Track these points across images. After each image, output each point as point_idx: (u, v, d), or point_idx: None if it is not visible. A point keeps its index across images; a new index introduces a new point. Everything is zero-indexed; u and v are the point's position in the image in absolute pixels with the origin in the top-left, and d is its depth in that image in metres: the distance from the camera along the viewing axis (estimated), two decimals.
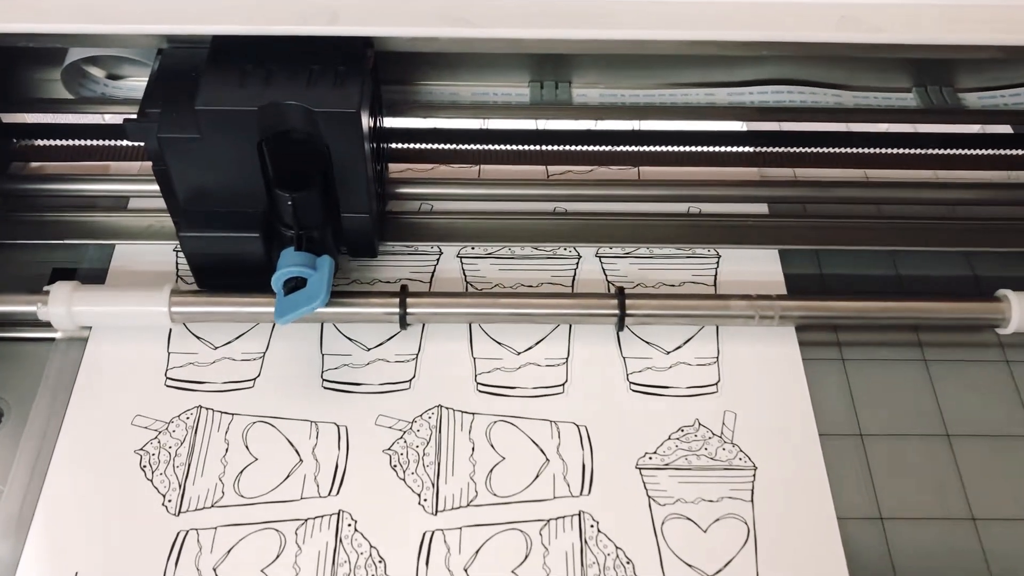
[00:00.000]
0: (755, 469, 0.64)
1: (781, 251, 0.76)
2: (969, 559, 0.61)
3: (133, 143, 0.79)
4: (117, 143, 0.80)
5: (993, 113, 0.81)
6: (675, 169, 0.81)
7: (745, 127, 0.82)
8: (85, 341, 0.69)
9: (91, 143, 0.80)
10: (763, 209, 0.79)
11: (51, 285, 0.68)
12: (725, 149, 0.81)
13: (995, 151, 0.82)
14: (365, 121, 0.61)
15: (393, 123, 0.78)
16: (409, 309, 0.69)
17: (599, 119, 0.80)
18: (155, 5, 0.60)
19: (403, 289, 0.69)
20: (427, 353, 0.70)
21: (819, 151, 0.81)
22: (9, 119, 0.80)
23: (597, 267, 0.76)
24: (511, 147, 0.81)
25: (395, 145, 0.80)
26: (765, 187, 0.80)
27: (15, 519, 0.60)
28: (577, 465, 0.64)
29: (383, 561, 0.59)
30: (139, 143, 0.77)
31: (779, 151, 0.81)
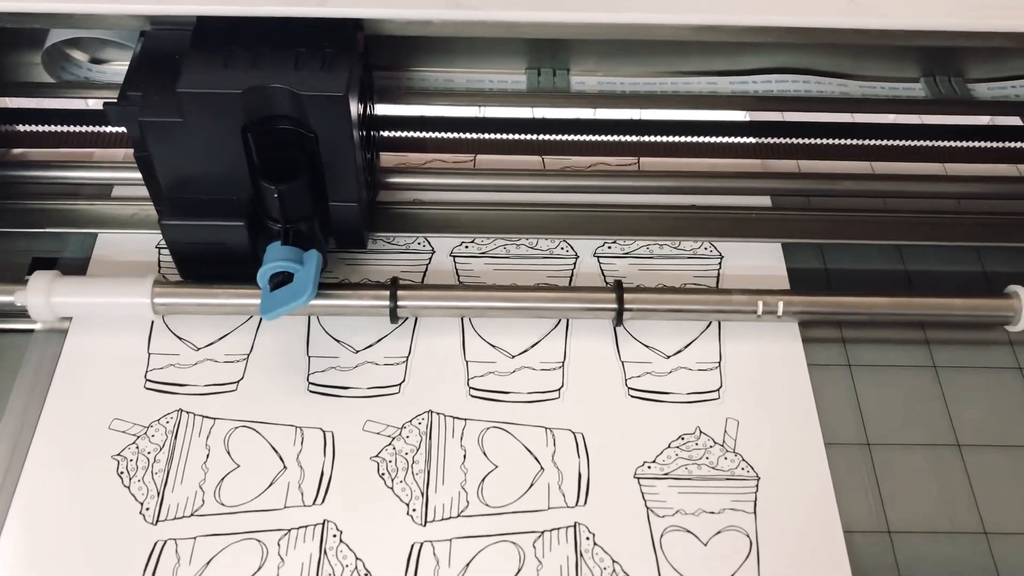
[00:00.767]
0: (758, 479, 0.61)
1: (784, 245, 0.73)
2: (981, 575, 0.57)
3: (117, 129, 0.75)
4: (101, 129, 0.76)
5: (1003, 104, 0.78)
6: (675, 160, 0.78)
7: (748, 117, 0.79)
8: (65, 333, 0.66)
9: (74, 129, 0.76)
10: (766, 202, 0.76)
11: (30, 275, 0.64)
12: (727, 140, 0.77)
13: (1005, 143, 0.78)
14: (354, 105, 0.58)
15: (385, 110, 0.74)
16: (400, 302, 0.65)
17: (597, 107, 0.77)
18: None
19: (394, 282, 0.66)
20: (417, 356, 0.66)
21: (824, 142, 0.77)
22: None
23: (595, 267, 0.72)
24: (507, 136, 0.77)
25: (386, 133, 0.76)
26: (768, 179, 0.76)
27: None
28: (573, 474, 0.61)
29: (369, 574, 0.56)
30: (123, 129, 0.73)
31: (783, 142, 0.77)
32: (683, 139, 0.77)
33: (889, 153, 0.78)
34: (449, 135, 0.76)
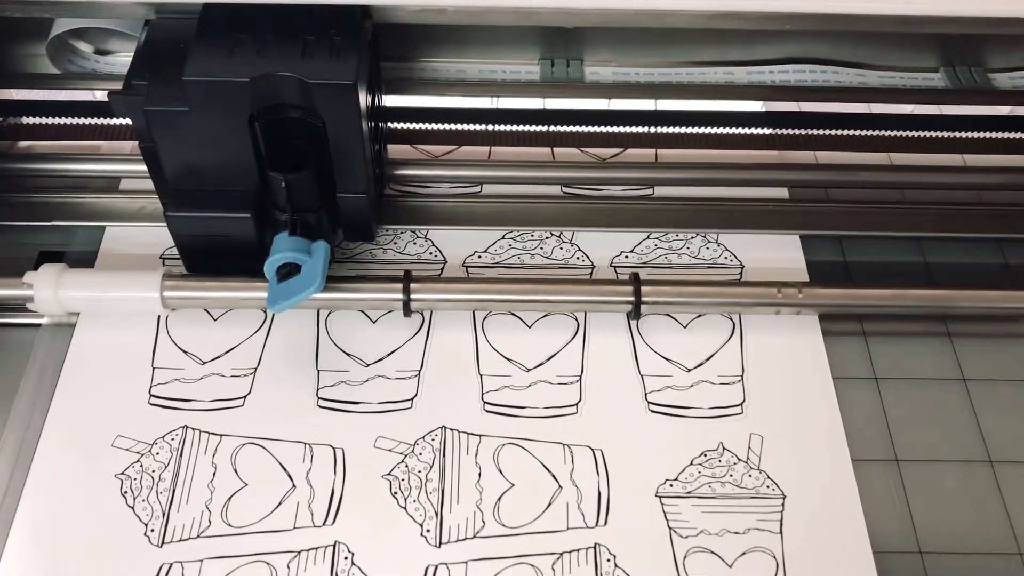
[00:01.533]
0: (784, 498, 0.58)
1: (803, 237, 0.71)
2: None
3: (125, 121, 0.73)
4: (108, 121, 0.75)
5: None
6: (690, 152, 0.76)
7: (764, 108, 0.77)
8: (72, 329, 0.64)
9: (81, 122, 0.75)
10: (783, 193, 0.74)
11: (37, 268, 0.63)
12: (743, 131, 0.75)
13: None
14: (362, 94, 0.57)
15: (395, 102, 0.72)
16: (413, 295, 0.64)
17: (612, 98, 0.75)
18: None
19: (407, 274, 0.64)
20: (430, 370, 0.63)
21: (841, 133, 0.76)
22: None
23: (611, 276, 0.69)
24: (519, 128, 0.76)
25: (396, 125, 0.74)
26: (785, 170, 0.74)
27: None
28: (592, 493, 0.58)
29: None
30: (129, 120, 0.71)
31: (800, 133, 0.76)
32: (698, 130, 0.75)
33: (908, 144, 0.76)
34: (458, 127, 0.75)
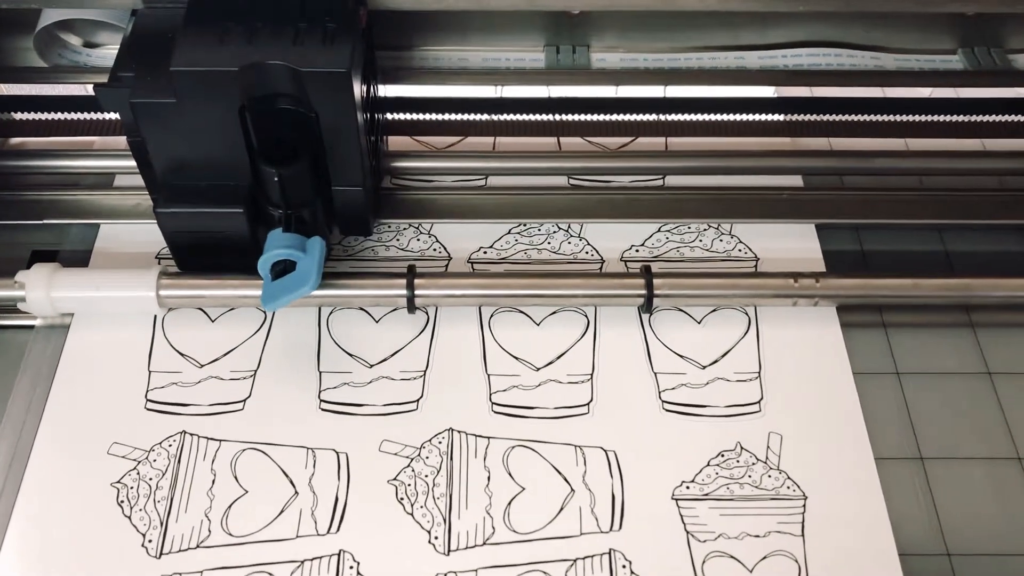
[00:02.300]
0: (805, 499, 0.56)
1: (818, 226, 0.69)
2: None
3: (117, 116, 0.70)
4: (101, 116, 0.72)
5: None
6: (701, 139, 0.74)
7: (776, 93, 0.74)
8: (66, 330, 0.62)
9: (74, 116, 0.72)
10: (797, 181, 0.72)
11: (29, 268, 0.61)
12: (755, 117, 0.73)
13: None
14: (357, 83, 0.55)
15: (395, 92, 0.70)
16: (418, 291, 0.61)
17: (619, 85, 0.72)
18: None
19: (410, 269, 0.62)
20: (436, 370, 0.61)
21: (856, 119, 0.73)
22: None
23: (622, 271, 0.66)
24: (523, 117, 0.73)
25: (393, 116, 0.72)
26: (799, 158, 0.72)
27: None
28: (606, 496, 0.56)
29: None
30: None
31: (813, 119, 0.73)
32: (709, 117, 0.73)
33: (926, 129, 0.73)
34: (463, 117, 0.72)
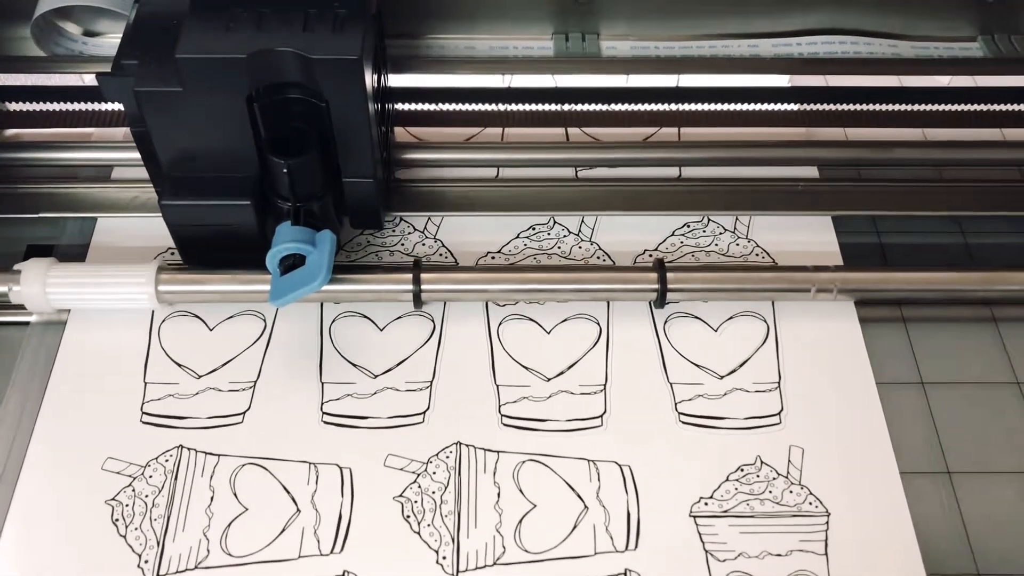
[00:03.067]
0: (828, 516, 0.54)
1: (835, 218, 0.67)
2: None
3: (117, 106, 0.70)
4: (99, 107, 0.71)
5: None
6: (714, 130, 0.72)
7: (791, 82, 0.72)
8: (60, 336, 0.61)
9: (71, 107, 0.71)
10: (813, 172, 0.70)
11: (24, 262, 0.59)
12: (769, 107, 0.71)
13: None
14: (368, 71, 0.53)
15: (401, 81, 0.68)
16: (424, 286, 0.60)
17: (630, 74, 0.70)
18: None
19: (416, 263, 0.61)
20: (443, 380, 0.59)
21: (873, 108, 0.72)
22: None
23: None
24: (533, 107, 0.72)
25: (402, 106, 0.70)
26: (814, 148, 0.71)
27: None
28: (621, 513, 0.54)
29: None
30: (120, 104, 0.68)
31: (829, 108, 0.72)
32: (722, 107, 0.71)
33: (944, 118, 0.72)
34: (469, 107, 0.71)
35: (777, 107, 0.71)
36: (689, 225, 0.67)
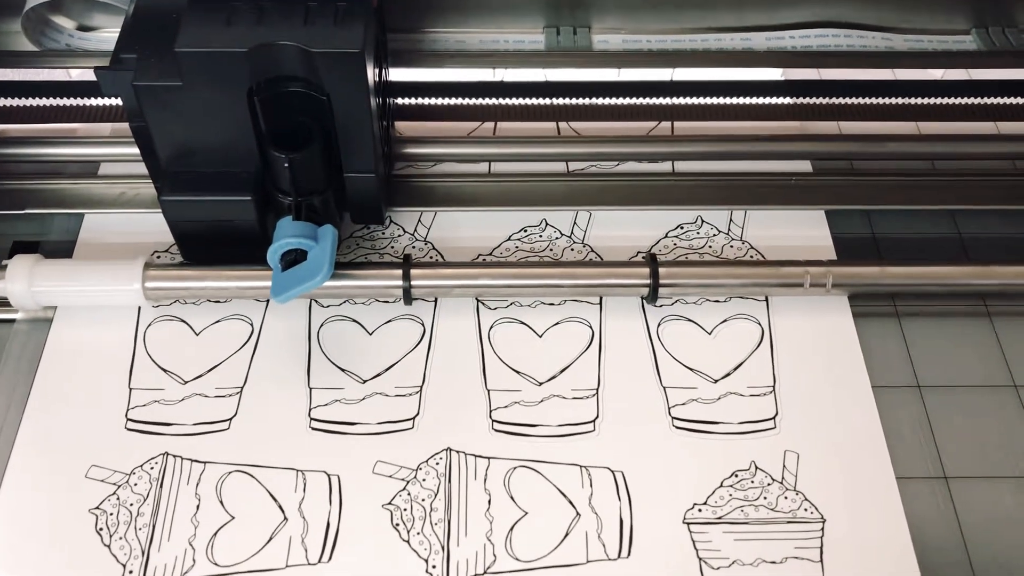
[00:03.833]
0: (823, 522, 0.53)
1: (828, 212, 0.67)
2: None
3: (103, 102, 0.69)
4: (86, 102, 0.69)
5: None
6: (706, 124, 0.71)
7: (784, 75, 0.72)
8: (49, 324, 0.60)
9: (56, 102, 0.69)
10: (806, 167, 0.69)
11: (9, 259, 0.59)
12: (762, 100, 0.70)
13: None
14: (370, 65, 0.53)
15: (397, 75, 0.67)
16: (414, 281, 0.59)
17: (622, 67, 0.70)
18: None
19: (407, 259, 0.60)
20: (433, 385, 0.58)
21: (867, 102, 0.71)
22: None
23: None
24: (524, 101, 0.70)
25: (400, 101, 0.69)
26: (807, 142, 0.70)
27: None
28: (614, 520, 0.53)
29: None
30: (111, 100, 0.68)
31: (822, 102, 0.71)
32: (714, 100, 0.70)
33: (938, 112, 0.71)
34: (461, 101, 0.70)
35: (770, 101, 0.70)
36: (682, 227, 0.66)
